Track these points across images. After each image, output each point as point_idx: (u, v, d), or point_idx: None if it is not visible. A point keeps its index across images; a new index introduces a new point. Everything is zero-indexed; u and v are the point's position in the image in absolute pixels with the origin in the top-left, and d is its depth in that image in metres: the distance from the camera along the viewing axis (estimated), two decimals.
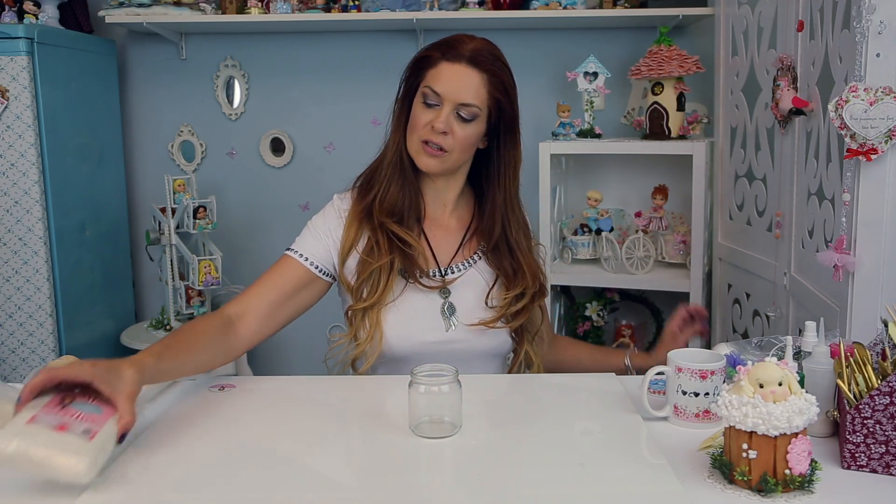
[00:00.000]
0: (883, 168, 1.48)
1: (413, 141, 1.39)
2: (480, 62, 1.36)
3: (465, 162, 1.44)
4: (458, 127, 1.36)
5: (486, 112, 1.38)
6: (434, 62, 1.37)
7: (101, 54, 2.86)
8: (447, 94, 1.35)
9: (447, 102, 1.35)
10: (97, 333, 2.79)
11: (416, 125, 1.38)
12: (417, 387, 1.09)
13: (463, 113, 1.36)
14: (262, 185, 3.07)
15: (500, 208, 1.44)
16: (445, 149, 1.37)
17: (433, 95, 1.36)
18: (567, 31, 2.90)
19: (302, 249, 1.42)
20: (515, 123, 1.43)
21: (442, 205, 1.48)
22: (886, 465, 0.99)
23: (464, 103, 1.35)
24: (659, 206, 2.55)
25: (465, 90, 1.35)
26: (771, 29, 2.08)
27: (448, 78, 1.35)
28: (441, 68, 1.36)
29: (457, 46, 1.37)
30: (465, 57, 1.36)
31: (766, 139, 2.14)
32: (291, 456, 1.07)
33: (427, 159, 1.38)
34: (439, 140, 1.36)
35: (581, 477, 0.98)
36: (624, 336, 2.78)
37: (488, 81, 1.37)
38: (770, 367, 0.94)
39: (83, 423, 0.97)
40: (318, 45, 2.99)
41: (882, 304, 1.48)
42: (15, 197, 2.45)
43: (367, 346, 1.37)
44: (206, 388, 1.31)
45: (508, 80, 1.41)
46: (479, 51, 1.37)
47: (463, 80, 1.35)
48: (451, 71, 1.36)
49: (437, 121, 1.35)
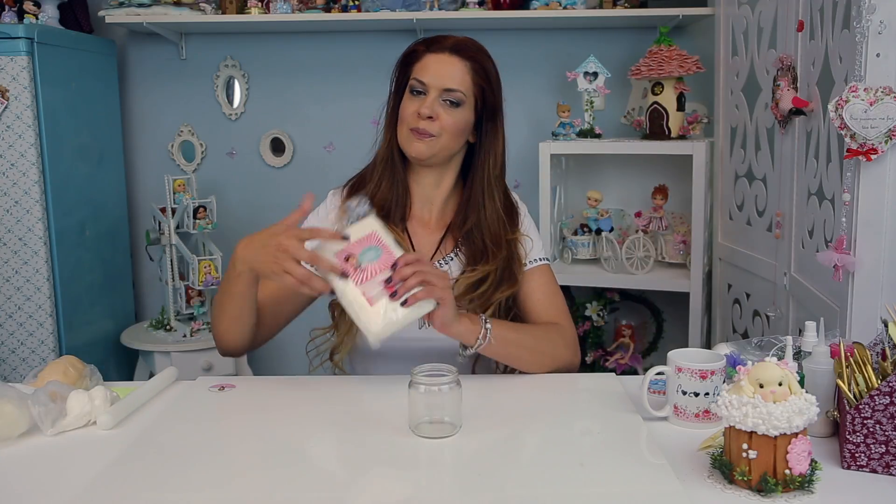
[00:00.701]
0: (883, 168, 1.48)
1: (402, 131, 1.41)
2: (463, 51, 1.41)
3: (454, 154, 1.45)
4: (445, 112, 1.39)
5: (471, 99, 1.41)
6: (419, 56, 1.42)
7: (101, 54, 2.86)
8: (432, 81, 1.39)
9: (432, 89, 1.39)
10: (97, 333, 2.79)
11: (404, 116, 1.41)
12: (417, 387, 1.09)
13: (448, 98, 1.38)
14: (262, 185, 3.07)
15: (477, 191, 1.45)
16: (433, 133, 1.38)
17: (419, 84, 1.40)
18: (567, 31, 2.90)
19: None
20: (498, 112, 1.46)
21: (428, 203, 1.49)
22: (886, 465, 0.99)
23: (448, 88, 1.38)
24: (659, 206, 2.55)
25: (448, 77, 1.39)
26: (771, 29, 2.08)
27: (433, 67, 1.40)
28: (426, 59, 1.41)
29: (441, 40, 1.42)
30: (448, 47, 1.41)
31: (766, 139, 2.14)
32: (291, 455, 1.07)
33: (416, 143, 1.39)
34: (426, 125, 1.38)
35: (581, 477, 0.98)
36: (624, 336, 2.78)
37: (472, 69, 1.40)
38: (770, 367, 0.94)
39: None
40: (318, 45, 2.98)
41: (882, 304, 1.48)
42: (15, 197, 2.45)
43: (346, 337, 1.42)
44: (206, 388, 1.31)
45: (492, 70, 1.44)
46: (462, 42, 1.42)
47: (447, 67, 1.39)
48: (435, 60, 1.40)
49: (423, 106, 1.38)
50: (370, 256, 1.18)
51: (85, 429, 1.15)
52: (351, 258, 1.18)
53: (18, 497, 0.96)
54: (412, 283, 1.17)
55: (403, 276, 1.17)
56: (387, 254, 1.18)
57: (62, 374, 1.25)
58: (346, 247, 1.18)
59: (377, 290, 1.17)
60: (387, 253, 1.18)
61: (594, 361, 2.77)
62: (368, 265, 1.17)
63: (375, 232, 1.20)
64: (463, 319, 1.27)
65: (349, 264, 1.17)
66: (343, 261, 1.17)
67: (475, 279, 1.40)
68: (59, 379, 1.23)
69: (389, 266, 1.18)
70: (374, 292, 1.17)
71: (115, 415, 1.16)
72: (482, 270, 1.41)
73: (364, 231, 1.20)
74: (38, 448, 1.09)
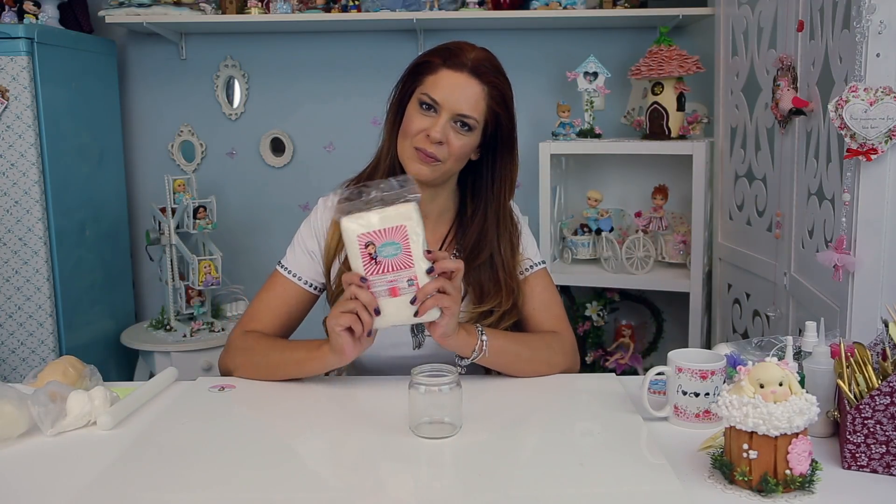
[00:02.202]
0: (883, 168, 1.48)
1: (405, 146, 1.34)
2: (482, 73, 1.32)
3: (454, 173, 1.40)
4: (454, 137, 1.31)
5: (482, 125, 1.34)
6: (434, 68, 1.32)
7: (101, 54, 2.86)
8: (446, 103, 1.30)
9: (445, 111, 1.30)
10: (97, 333, 2.79)
11: (410, 130, 1.33)
12: (417, 387, 1.09)
13: (460, 123, 1.31)
14: (262, 185, 3.07)
15: (491, 223, 1.39)
16: (439, 159, 1.32)
17: (431, 101, 1.31)
18: (567, 31, 2.90)
19: (291, 266, 1.43)
20: (513, 138, 1.39)
21: (424, 215, 1.42)
22: (887, 465, 0.99)
23: (462, 114, 1.30)
24: (659, 206, 2.55)
25: (465, 101, 1.30)
26: (771, 29, 2.08)
27: (448, 86, 1.31)
28: (441, 75, 1.31)
29: (459, 54, 1.32)
30: (468, 66, 1.31)
31: (766, 139, 2.14)
32: (291, 456, 1.07)
33: (419, 166, 1.32)
34: (433, 150, 1.31)
35: (581, 477, 0.98)
36: (624, 336, 2.78)
37: (489, 94, 1.32)
38: (770, 367, 0.94)
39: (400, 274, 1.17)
40: (318, 45, 2.99)
41: (882, 304, 1.48)
42: (15, 197, 2.45)
43: None
44: (205, 388, 1.31)
45: (508, 94, 1.36)
46: (481, 61, 1.33)
47: (464, 90, 1.31)
48: (451, 79, 1.31)
49: (434, 129, 1.30)
50: (389, 252, 1.16)
51: (85, 429, 1.15)
52: (370, 246, 1.16)
53: (18, 497, 0.96)
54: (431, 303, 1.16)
55: (426, 292, 1.16)
56: (405, 254, 1.16)
57: (62, 375, 1.25)
58: (372, 232, 1.16)
59: (383, 288, 1.16)
60: (405, 254, 1.16)
61: (594, 361, 2.77)
62: (385, 260, 1.16)
63: (405, 226, 1.16)
64: (460, 331, 1.25)
65: (367, 252, 1.16)
66: (363, 245, 1.16)
67: (483, 310, 1.38)
68: (59, 379, 1.23)
69: (404, 268, 1.16)
70: (379, 289, 1.16)
71: (115, 415, 1.16)
72: (493, 302, 1.38)
73: (397, 220, 1.16)
74: (38, 448, 1.09)
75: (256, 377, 1.34)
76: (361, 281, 1.16)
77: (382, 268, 1.16)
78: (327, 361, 1.26)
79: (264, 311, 1.42)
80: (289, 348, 1.34)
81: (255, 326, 1.41)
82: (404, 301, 1.17)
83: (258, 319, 1.41)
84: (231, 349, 1.39)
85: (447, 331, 1.21)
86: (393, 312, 1.17)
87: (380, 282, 1.16)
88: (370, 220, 1.16)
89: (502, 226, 1.41)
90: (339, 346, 1.20)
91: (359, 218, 1.16)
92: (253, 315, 1.42)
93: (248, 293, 2.95)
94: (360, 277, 1.16)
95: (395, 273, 1.16)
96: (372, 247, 1.16)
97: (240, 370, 1.36)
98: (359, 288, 1.16)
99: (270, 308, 1.42)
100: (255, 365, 1.34)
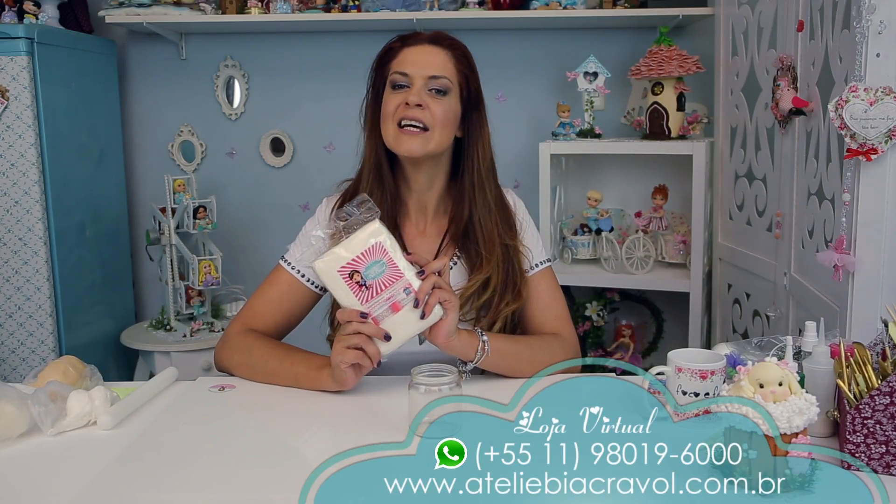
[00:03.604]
0: (883, 168, 1.48)
1: (389, 129, 1.34)
2: (442, 40, 1.37)
3: (444, 150, 1.39)
4: (433, 102, 1.32)
5: (457, 88, 1.36)
6: (396, 51, 1.37)
7: (101, 54, 2.86)
8: (415, 71, 1.33)
9: (417, 78, 1.33)
10: (97, 333, 2.79)
11: (388, 112, 1.33)
12: (417, 387, 1.09)
13: (434, 87, 1.33)
14: (262, 185, 3.07)
15: (467, 189, 1.39)
16: (426, 125, 1.32)
17: (401, 77, 1.34)
18: (567, 31, 2.90)
19: (295, 262, 1.43)
20: (481, 101, 1.41)
21: (423, 209, 1.43)
22: (886, 465, 0.99)
23: (433, 76, 1.33)
24: (659, 206, 2.55)
25: (432, 64, 1.34)
26: (771, 29, 2.08)
27: (414, 58, 1.35)
28: (405, 52, 1.36)
29: (415, 35, 1.39)
30: (427, 39, 1.37)
31: (766, 139, 2.14)
32: (291, 456, 1.07)
33: (408, 140, 1.32)
34: (416, 114, 1.31)
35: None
36: (624, 336, 2.78)
37: (453, 56, 1.37)
38: (770, 367, 0.94)
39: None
40: (318, 45, 2.98)
41: (882, 304, 1.48)
42: (15, 197, 2.45)
43: None
44: (205, 388, 1.31)
45: (471, 57, 1.40)
46: (438, 33, 1.39)
47: (428, 55, 1.35)
48: (415, 52, 1.35)
49: (410, 94, 1.32)
50: (376, 271, 1.16)
51: (85, 429, 1.15)
52: (356, 275, 1.16)
53: (18, 497, 0.96)
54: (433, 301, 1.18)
55: (425, 291, 1.17)
56: (392, 268, 1.17)
57: (62, 375, 1.25)
58: (351, 261, 1.16)
59: (383, 308, 1.17)
60: (392, 267, 1.17)
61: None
62: (374, 281, 1.16)
63: (380, 242, 1.16)
64: (461, 333, 1.26)
65: (354, 281, 1.16)
66: (348, 277, 1.16)
67: (477, 286, 1.37)
68: (59, 379, 1.22)
69: (396, 280, 1.17)
70: (380, 311, 1.17)
71: (116, 415, 1.16)
72: (481, 277, 1.37)
73: (370, 239, 1.16)
74: (38, 448, 1.09)
75: (252, 379, 1.34)
76: (361, 316, 1.16)
77: (375, 290, 1.16)
78: (325, 386, 1.27)
79: (265, 306, 1.42)
80: (287, 360, 1.32)
81: (254, 321, 1.40)
82: (408, 311, 1.17)
83: (258, 313, 1.41)
84: (229, 345, 1.39)
85: (451, 328, 1.21)
86: (400, 328, 1.18)
87: (378, 304, 1.16)
88: (342, 253, 1.16)
89: (478, 188, 1.39)
90: (342, 379, 1.22)
91: (331, 255, 1.16)
92: (252, 308, 1.42)
93: (248, 293, 2.93)
94: (359, 314, 1.16)
95: (390, 288, 1.16)
96: (357, 275, 1.16)
97: (237, 370, 1.36)
98: (360, 323, 1.16)
99: (271, 302, 1.41)
100: (252, 368, 1.34)
